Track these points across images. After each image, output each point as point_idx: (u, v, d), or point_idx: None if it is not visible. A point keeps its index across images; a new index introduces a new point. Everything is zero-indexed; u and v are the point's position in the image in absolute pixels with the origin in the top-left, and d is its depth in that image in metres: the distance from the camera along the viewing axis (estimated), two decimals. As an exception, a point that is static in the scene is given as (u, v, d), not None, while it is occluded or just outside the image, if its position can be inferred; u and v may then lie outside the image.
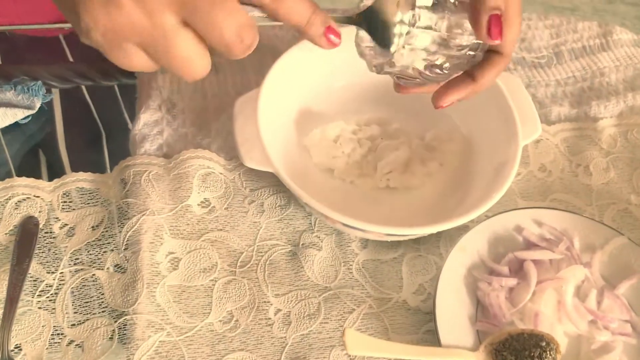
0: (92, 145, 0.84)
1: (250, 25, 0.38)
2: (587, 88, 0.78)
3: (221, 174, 0.65)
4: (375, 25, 0.46)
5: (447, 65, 0.49)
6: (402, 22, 0.46)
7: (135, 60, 0.38)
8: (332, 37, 0.42)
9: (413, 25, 0.46)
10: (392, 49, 0.47)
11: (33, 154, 0.76)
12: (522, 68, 0.79)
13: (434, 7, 0.46)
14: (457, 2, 0.47)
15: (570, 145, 0.72)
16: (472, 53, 0.49)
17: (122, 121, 0.84)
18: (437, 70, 0.50)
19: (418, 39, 0.47)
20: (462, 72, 0.52)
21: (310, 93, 0.69)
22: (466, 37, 0.48)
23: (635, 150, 0.73)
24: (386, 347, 0.53)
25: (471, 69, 0.52)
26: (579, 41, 0.83)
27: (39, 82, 0.68)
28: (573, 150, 0.72)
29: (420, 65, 0.49)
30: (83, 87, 0.80)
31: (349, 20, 0.45)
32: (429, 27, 0.47)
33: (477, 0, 0.46)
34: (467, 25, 0.47)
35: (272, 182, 0.65)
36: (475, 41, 0.48)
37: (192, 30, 0.37)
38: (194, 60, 0.38)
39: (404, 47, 0.47)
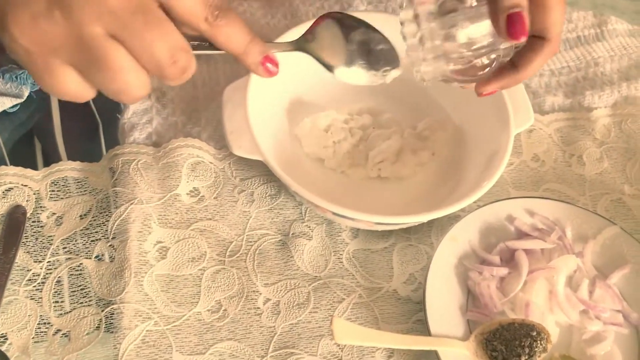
0: (88, 134, 0.83)
1: (184, 49, 0.37)
2: (581, 78, 0.77)
3: (211, 163, 0.64)
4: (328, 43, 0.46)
5: (483, 62, 0.49)
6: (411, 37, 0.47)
7: (64, 80, 0.36)
8: (269, 66, 0.43)
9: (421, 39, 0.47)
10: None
11: (28, 142, 0.75)
12: (516, 58, 0.79)
13: (443, 18, 0.46)
14: (474, 4, 0.46)
15: (563, 135, 0.72)
16: (504, 47, 0.48)
17: (119, 110, 0.83)
18: (478, 72, 0.49)
19: (429, 50, 0.47)
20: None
21: (301, 82, 0.68)
22: (489, 36, 0.47)
23: (629, 140, 0.72)
24: (375, 336, 0.53)
25: (515, 56, 0.51)
26: (573, 31, 0.82)
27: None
28: (566, 140, 0.71)
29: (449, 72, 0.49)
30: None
31: (293, 47, 0.46)
32: (438, 41, 0.47)
33: (493, 1, 0.45)
34: (486, 25, 0.46)
35: (263, 172, 0.64)
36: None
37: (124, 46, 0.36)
38: (129, 74, 0.36)
39: (424, 60, 0.47)
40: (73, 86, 0.37)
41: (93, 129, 0.83)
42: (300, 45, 0.46)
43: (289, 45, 0.46)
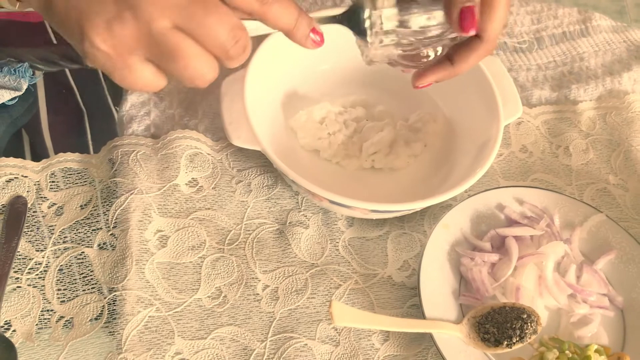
0: (74, 127, 0.84)
1: (241, 27, 0.40)
2: (567, 72, 0.80)
3: (209, 154, 0.65)
4: (357, 22, 0.48)
5: (428, 53, 0.51)
6: (371, 20, 0.48)
7: (143, 75, 0.39)
8: (315, 37, 0.45)
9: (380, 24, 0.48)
10: (369, 42, 0.49)
11: (17, 136, 0.76)
12: (504, 52, 0.81)
13: (400, 6, 0.48)
14: None
15: (550, 127, 0.74)
16: (451, 37, 0.50)
17: (105, 103, 0.84)
18: (422, 59, 0.51)
19: (386, 36, 0.49)
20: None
21: (296, 75, 0.70)
22: (439, 27, 0.49)
23: (614, 132, 0.74)
24: (372, 319, 0.54)
25: (451, 51, 0.52)
26: (559, 27, 0.84)
27: (26, 64, 0.68)
28: (553, 132, 0.73)
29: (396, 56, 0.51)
30: (67, 70, 0.80)
31: (332, 20, 0.48)
32: (394, 25, 0.49)
33: None
34: (439, 15, 0.48)
35: (259, 163, 0.66)
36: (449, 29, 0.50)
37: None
38: (199, 61, 0.39)
39: (380, 42, 0.49)
40: (151, 78, 0.40)
41: (79, 122, 0.84)
42: (343, 17, 0.48)
43: (332, 19, 0.48)
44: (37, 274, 0.57)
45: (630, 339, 0.58)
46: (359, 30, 0.48)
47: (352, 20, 0.48)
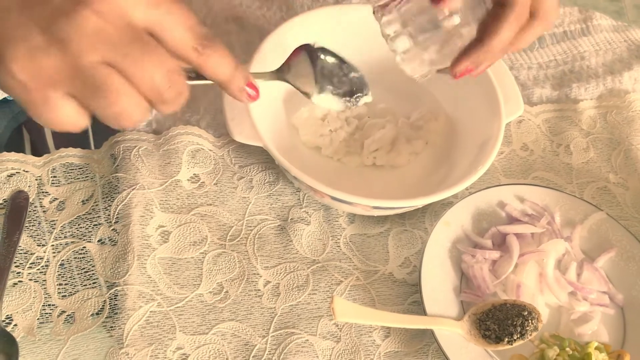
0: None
1: (178, 72, 0.38)
2: (568, 71, 0.80)
3: (210, 150, 0.65)
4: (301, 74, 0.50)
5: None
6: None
7: (63, 113, 0.36)
8: (250, 91, 0.44)
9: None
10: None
11: (18, 131, 0.76)
12: (505, 51, 0.81)
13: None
14: None
15: (551, 125, 0.74)
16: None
17: None
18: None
19: (399, 41, 0.53)
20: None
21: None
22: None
23: (614, 131, 0.75)
24: (374, 315, 0.54)
25: (478, 31, 0.51)
26: (560, 26, 0.85)
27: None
28: (554, 131, 0.74)
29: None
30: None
31: (272, 76, 0.49)
32: (396, 27, 0.50)
33: None
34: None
35: (261, 159, 0.66)
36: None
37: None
38: (129, 99, 0.36)
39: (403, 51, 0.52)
40: (71, 116, 0.36)
41: None
42: (279, 75, 0.49)
43: (269, 75, 0.49)
44: (38, 269, 0.57)
45: (631, 336, 0.59)
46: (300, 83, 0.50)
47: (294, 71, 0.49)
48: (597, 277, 0.61)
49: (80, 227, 0.60)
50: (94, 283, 0.57)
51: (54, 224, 0.59)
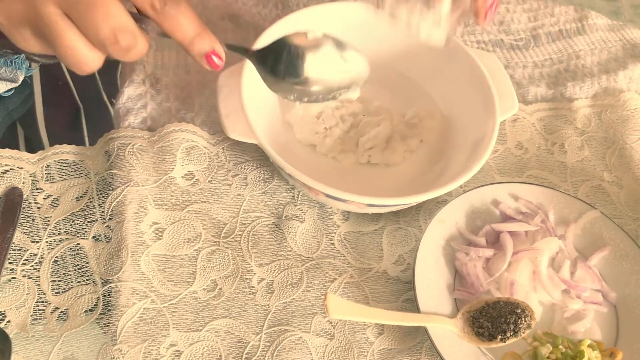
0: (70, 120, 0.84)
1: (129, 31, 0.40)
2: (563, 70, 0.80)
3: (205, 147, 0.65)
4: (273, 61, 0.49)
5: None
6: None
7: (33, 44, 0.42)
8: (214, 58, 0.45)
9: None
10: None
11: (12, 128, 0.76)
12: (501, 50, 0.81)
13: None
14: None
15: (546, 124, 0.74)
16: None
17: (101, 97, 0.84)
18: None
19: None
20: None
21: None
22: None
23: (609, 130, 0.75)
24: (367, 312, 0.54)
25: None
26: (555, 25, 0.85)
27: (22, 55, 0.68)
28: (549, 129, 0.74)
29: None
30: (62, 64, 0.80)
31: (244, 52, 0.49)
32: None
33: None
34: None
35: (256, 157, 0.66)
36: None
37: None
38: (80, 51, 0.41)
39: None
40: (38, 47, 0.42)
41: (74, 115, 0.84)
42: (251, 55, 0.49)
43: (243, 51, 0.49)
44: (32, 265, 0.57)
45: (623, 334, 0.59)
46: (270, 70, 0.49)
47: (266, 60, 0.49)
48: (591, 275, 0.61)
49: (74, 224, 0.59)
50: (87, 280, 0.57)
51: (48, 221, 0.59)
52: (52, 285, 0.56)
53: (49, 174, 0.62)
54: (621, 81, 0.79)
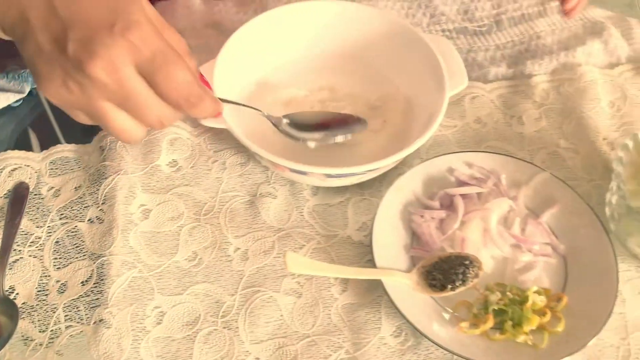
0: (84, 126, 0.92)
1: (171, 117, 0.50)
2: (524, 50, 0.85)
3: (188, 139, 0.73)
4: None
5: None
6: None
7: (83, 119, 0.49)
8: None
9: None
10: None
11: (24, 135, 0.85)
12: (464, 36, 0.87)
13: None
14: None
15: (505, 100, 0.79)
16: None
17: None
18: None
19: None
20: None
21: (264, 66, 0.77)
22: None
23: (566, 101, 0.79)
24: (324, 268, 0.61)
25: None
26: (518, 10, 0.90)
27: (28, 70, 0.77)
28: (508, 104, 0.79)
29: None
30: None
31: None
32: None
33: None
34: None
35: (234, 144, 0.73)
36: None
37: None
38: (128, 131, 0.49)
39: None
40: (92, 123, 0.50)
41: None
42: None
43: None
44: (37, 247, 0.65)
45: (571, 282, 0.63)
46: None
47: None
48: (540, 230, 0.66)
49: (73, 210, 0.68)
50: (83, 256, 0.64)
51: (51, 208, 0.68)
52: (53, 262, 0.64)
53: (52, 169, 0.71)
54: (580, 57, 0.83)
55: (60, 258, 0.65)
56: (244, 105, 0.66)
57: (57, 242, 0.66)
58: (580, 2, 0.74)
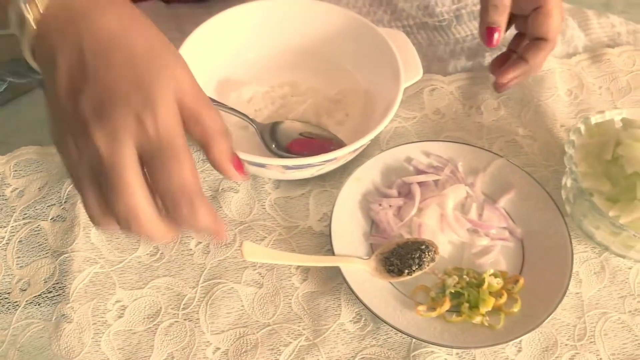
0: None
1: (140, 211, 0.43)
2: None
3: (151, 137, 0.74)
4: None
5: None
6: None
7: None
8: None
9: None
10: None
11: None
12: (425, 31, 0.88)
13: None
14: None
15: (464, 91, 0.81)
16: None
17: None
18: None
19: None
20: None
21: (225, 64, 0.78)
22: None
23: (525, 91, 0.81)
24: (281, 256, 0.62)
25: (523, 52, 0.73)
26: (478, 4, 0.91)
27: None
28: (466, 95, 0.80)
29: None
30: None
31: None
32: None
33: (481, 13, 0.73)
34: None
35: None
36: None
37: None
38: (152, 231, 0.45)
39: None
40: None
41: None
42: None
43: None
44: (0, 247, 0.66)
45: (528, 264, 0.64)
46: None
47: None
48: (497, 215, 0.67)
49: (36, 209, 0.68)
50: (46, 253, 0.65)
51: (15, 209, 0.68)
52: (16, 261, 0.65)
53: (16, 171, 0.71)
54: (538, 48, 0.85)
55: (23, 257, 0.65)
56: (232, 111, 0.69)
57: (20, 241, 0.66)
58: (516, 79, 0.75)
